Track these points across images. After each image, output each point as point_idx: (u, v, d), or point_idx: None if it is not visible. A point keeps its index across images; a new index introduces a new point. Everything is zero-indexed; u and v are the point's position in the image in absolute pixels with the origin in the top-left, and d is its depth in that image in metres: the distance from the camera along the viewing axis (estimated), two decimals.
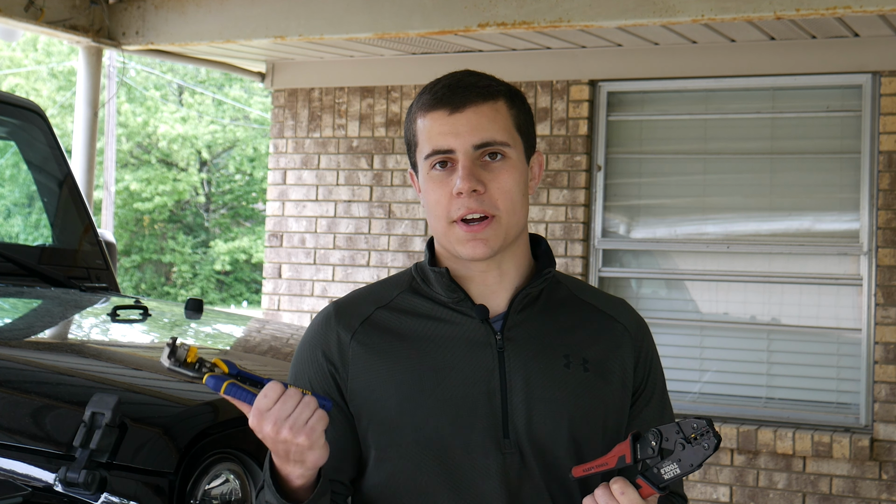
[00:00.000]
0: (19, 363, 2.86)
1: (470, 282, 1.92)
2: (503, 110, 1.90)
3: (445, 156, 1.87)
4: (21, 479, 2.44)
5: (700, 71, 6.31)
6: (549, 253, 1.99)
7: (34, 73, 28.29)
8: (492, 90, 1.90)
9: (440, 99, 1.88)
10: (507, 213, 1.87)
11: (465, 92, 1.88)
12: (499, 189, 1.86)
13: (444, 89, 1.89)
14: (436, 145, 1.87)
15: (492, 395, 1.86)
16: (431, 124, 1.88)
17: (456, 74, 1.93)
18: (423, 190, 1.92)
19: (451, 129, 1.87)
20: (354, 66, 7.05)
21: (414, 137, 1.93)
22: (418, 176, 1.95)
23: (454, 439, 1.84)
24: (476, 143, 1.86)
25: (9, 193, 4.68)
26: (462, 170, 1.85)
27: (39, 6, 6.03)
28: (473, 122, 1.87)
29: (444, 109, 1.88)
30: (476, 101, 1.88)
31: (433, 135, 1.88)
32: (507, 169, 1.88)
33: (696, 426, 1.73)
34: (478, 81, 1.91)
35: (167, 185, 28.03)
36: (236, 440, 2.55)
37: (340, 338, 1.91)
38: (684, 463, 1.74)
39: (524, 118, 1.94)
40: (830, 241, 6.07)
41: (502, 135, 1.88)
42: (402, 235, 6.90)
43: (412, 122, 1.93)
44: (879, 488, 5.78)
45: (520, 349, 1.89)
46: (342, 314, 1.94)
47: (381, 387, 1.87)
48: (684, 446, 1.74)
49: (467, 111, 1.87)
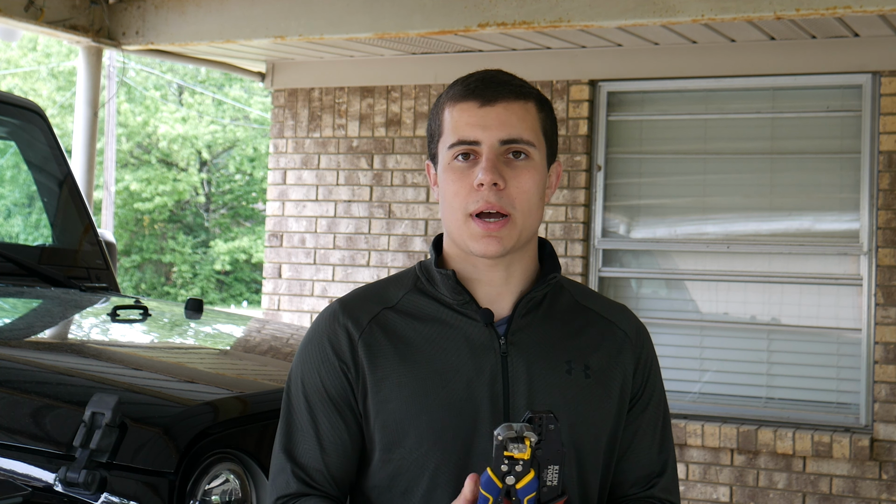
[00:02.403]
0: (19, 363, 2.86)
1: (476, 284, 1.92)
2: (532, 111, 1.90)
3: (470, 147, 1.86)
4: (21, 479, 2.44)
5: (700, 71, 6.31)
6: (554, 256, 1.98)
7: (34, 74, 28.29)
8: (524, 91, 1.90)
9: (472, 91, 1.88)
10: (523, 214, 1.86)
11: (499, 87, 1.88)
12: (518, 188, 1.85)
13: (477, 82, 1.89)
14: (462, 135, 1.87)
15: (495, 399, 1.86)
16: (460, 115, 1.88)
17: (490, 70, 1.93)
18: (442, 181, 1.91)
19: (479, 122, 1.86)
20: (354, 66, 7.05)
21: (439, 127, 1.92)
22: (437, 167, 1.94)
23: (457, 442, 1.84)
24: (503, 137, 1.86)
25: (9, 193, 4.68)
26: (486, 161, 1.84)
27: (39, 6, 6.03)
28: (503, 117, 1.86)
29: (475, 101, 1.87)
30: (508, 98, 1.87)
31: (461, 125, 1.87)
32: (528, 169, 1.87)
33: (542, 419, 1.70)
34: (511, 80, 1.91)
35: (167, 185, 28.03)
36: (236, 440, 2.55)
37: (350, 334, 1.90)
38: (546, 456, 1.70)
39: (550, 125, 1.94)
40: (830, 241, 6.07)
41: (529, 134, 1.87)
42: (402, 235, 6.90)
43: (439, 111, 1.92)
44: (879, 488, 5.78)
45: (523, 354, 1.88)
46: (349, 311, 1.93)
47: (386, 388, 1.87)
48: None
49: (498, 106, 1.87)
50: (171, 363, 3.22)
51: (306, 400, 1.91)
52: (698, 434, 6.00)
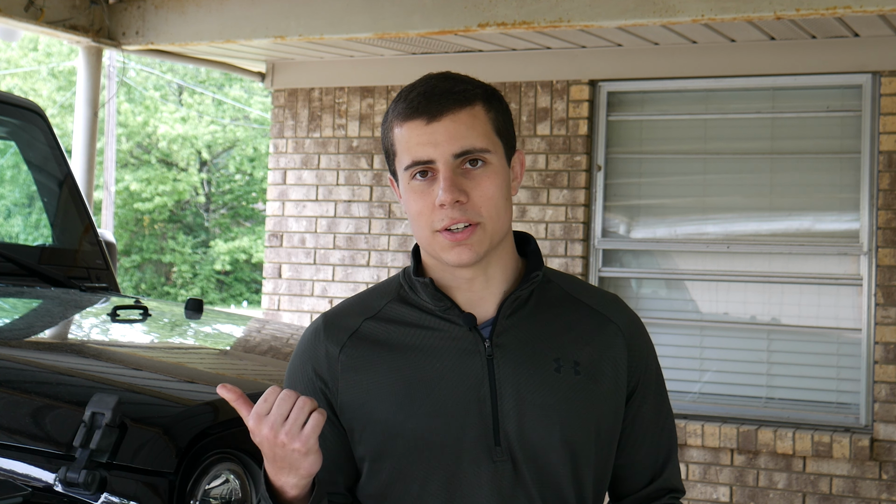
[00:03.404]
0: (19, 363, 2.86)
1: (456, 290, 1.91)
2: (481, 115, 1.86)
3: (426, 166, 1.84)
4: (21, 479, 2.44)
5: (700, 71, 6.31)
6: (538, 253, 1.96)
7: (34, 73, 28.29)
8: (468, 95, 1.86)
9: (416, 108, 1.84)
10: (492, 220, 1.85)
11: (441, 99, 1.84)
12: (481, 196, 1.83)
13: (419, 97, 1.85)
14: (415, 156, 1.84)
15: (482, 403, 1.84)
16: (409, 134, 1.85)
17: (431, 79, 1.88)
18: (405, 199, 1.90)
19: (429, 139, 1.83)
20: (354, 66, 7.05)
21: (392, 147, 1.89)
22: (398, 184, 1.93)
23: (445, 449, 1.83)
24: (456, 151, 1.83)
25: (9, 193, 4.68)
26: (444, 181, 1.82)
27: (39, 6, 6.03)
28: (451, 130, 1.83)
29: (421, 119, 1.84)
30: (453, 109, 1.84)
31: (412, 145, 1.85)
32: (488, 175, 1.85)
33: None
34: (453, 87, 1.86)
35: (167, 185, 28.04)
36: (236, 440, 2.55)
37: (329, 352, 1.90)
38: None
39: (502, 119, 1.90)
40: (830, 241, 6.07)
41: (482, 141, 1.84)
42: (402, 235, 6.90)
43: (389, 130, 1.90)
44: (879, 488, 5.78)
45: (509, 355, 1.87)
46: (330, 328, 1.93)
47: (372, 398, 1.86)
48: None
49: (444, 119, 1.83)
50: (171, 363, 3.22)
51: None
52: (698, 434, 6.00)
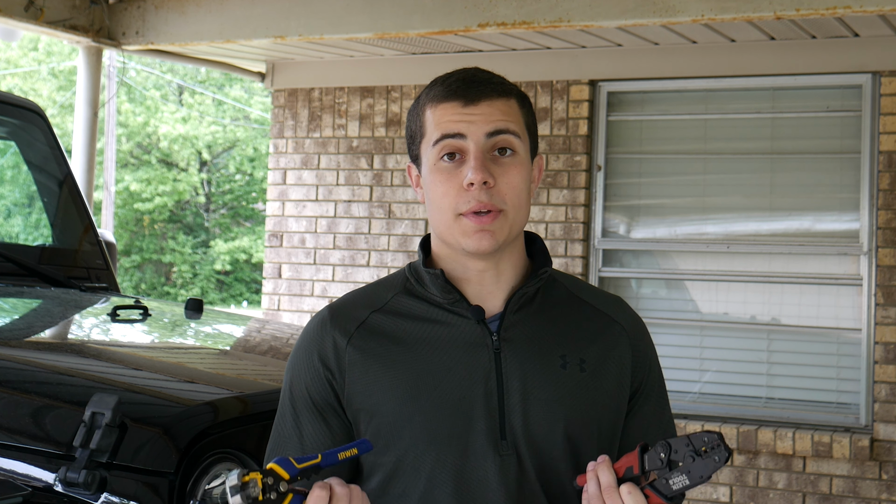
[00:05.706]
0: (19, 363, 2.86)
1: (466, 283, 1.91)
2: (515, 107, 1.89)
3: (456, 142, 1.85)
4: (21, 479, 2.44)
5: (700, 71, 6.31)
6: (545, 251, 1.97)
7: (34, 73, 28.29)
8: (506, 87, 1.90)
9: (454, 91, 1.87)
10: (514, 209, 1.86)
11: (481, 86, 1.87)
12: (507, 184, 1.85)
13: (458, 82, 1.88)
14: (446, 130, 1.85)
15: (489, 397, 1.85)
16: (443, 113, 1.86)
17: (469, 69, 1.91)
18: (428, 182, 1.89)
19: (463, 118, 1.85)
20: (354, 66, 7.05)
21: (421, 128, 1.90)
22: (421, 169, 1.93)
23: (452, 442, 1.84)
24: (490, 130, 1.85)
25: (9, 193, 4.68)
26: (474, 160, 1.83)
27: (39, 6, 6.03)
28: (487, 113, 1.85)
29: (458, 101, 1.86)
30: (491, 96, 1.87)
31: (444, 121, 1.86)
32: (516, 165, 1.87)
33: (707, 440, 1.73)
34: (491, 77, 1.90)
35: (167, 186, 28.03)
36: (236, 440, 2.55)
37: (336, 343, 1.90)
38: (693, 475, 1.74)
39: (532, 120, 1.94)
40: (830, 241, 6.07)
41: (515, 126, 1.87)
42: (402, 235, 6.90)
43: (419, 113, 1.91)
44: (879, 488, 5.78)
45: (516, 350, 1.88)
46: (337, 318, 1.92)
47: (379, 391, 1.86)
48: (694, 458, 1.73)
49: (482, 104, 1.86)
50: (171, 363, 3.22)
51: (293, 406, 1.92)
52: None
